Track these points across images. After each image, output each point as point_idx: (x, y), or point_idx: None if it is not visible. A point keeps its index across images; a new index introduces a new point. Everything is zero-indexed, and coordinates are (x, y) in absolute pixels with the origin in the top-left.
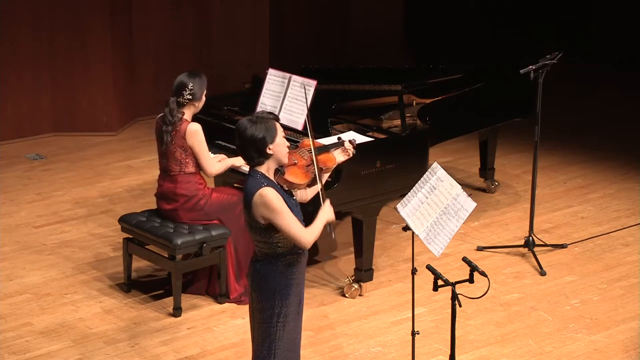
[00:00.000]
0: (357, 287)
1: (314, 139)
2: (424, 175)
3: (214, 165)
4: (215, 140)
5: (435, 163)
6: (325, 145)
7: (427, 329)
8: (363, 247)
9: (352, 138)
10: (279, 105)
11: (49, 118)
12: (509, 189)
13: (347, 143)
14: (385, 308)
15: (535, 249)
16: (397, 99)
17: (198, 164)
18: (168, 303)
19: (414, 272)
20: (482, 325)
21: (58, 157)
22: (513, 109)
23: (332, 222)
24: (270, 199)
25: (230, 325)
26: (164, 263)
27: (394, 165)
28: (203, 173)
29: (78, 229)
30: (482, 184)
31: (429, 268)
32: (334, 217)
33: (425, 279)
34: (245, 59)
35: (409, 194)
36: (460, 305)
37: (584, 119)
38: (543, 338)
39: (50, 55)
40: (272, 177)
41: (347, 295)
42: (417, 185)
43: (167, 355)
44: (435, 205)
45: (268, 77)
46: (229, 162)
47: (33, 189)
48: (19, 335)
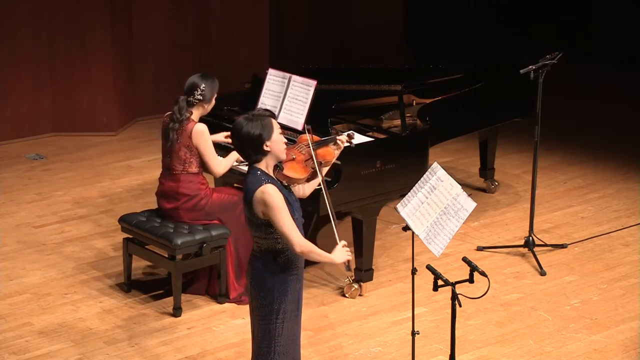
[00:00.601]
0: (357, 287)
1: (312, 134)
2: (424, 175)
3: (221, 165)
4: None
5: (435, 163)
6: (323, 140)
7: (427, 329)
8: (363, 247)
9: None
10: (279, 105)
11: (49, 118)
12: (509, 189)
13: (343, 136)
14: (385, 308)
15: (535, 249)
16: (397, 99)
17: (204, 165)
18: (168, 303)
19: (414, 272)
20: (482, 325)
21: (58, 157)
22: (513, 109)
23: (348, 261)
24: (271, 196)
25: (230, 325)
26: (164, 263)
27: (394, 165)
28: (211, 173)
29: (78, 229)
30: (482, 184)
31: (429, 268)
32: (348, 257)
33: (425, 279)
34: (245, 59)
35: (409, 194)
36: (460, 305)
37: (584, 119)
38: (543, 338)
39: (50, 55)
40: (271, 173)
41: (347, 295)
42: (417, 185)
43: (167, 355)
44: (435, 205)
45: (268, 77)
46: (232, 156)
47: (33, 189)
48: (19, 335)
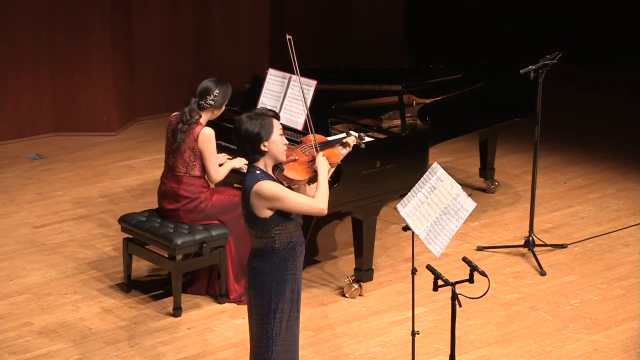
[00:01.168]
0: (357, 287)
1: (315, 134)
2: (424, 175)
3: (219, 172)
4: (216, 141)
5: (435, 163)
6: (330, 141)
7: (427, 329)
8: (363, 247)
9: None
10: (279, 105)
11: (49, 118)
12: (509, 189)
13: (351, 137)
14: (385, 308)
15: (535, 249)
16: (397, 99)
17: (204, 169)
18: (168, 303)
19: (414, 272)
20: (482, 325)
21: (58, 157)
22: (513, 109)
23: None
24: (268, 189)
25: (230, 325)
26: (164, 263)
27: (394, 165)
28: (208, 178)
29: (78, 229)
30: (482, 184)
31: (429, 268)
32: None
33: (425, 279)
34: (245, 59)
35: (409, 194)
36: (460, 305)
37: (584, 119)
38: (543, 338)
39: (50, 55)
40: (270, 173)
41: (347, 295)
42: (417, 185)
43: (167, 355)
44: (435, 205)
45: (268, 77)
46: (229, 165)
47: (33, 189)
48: (19, 335)
